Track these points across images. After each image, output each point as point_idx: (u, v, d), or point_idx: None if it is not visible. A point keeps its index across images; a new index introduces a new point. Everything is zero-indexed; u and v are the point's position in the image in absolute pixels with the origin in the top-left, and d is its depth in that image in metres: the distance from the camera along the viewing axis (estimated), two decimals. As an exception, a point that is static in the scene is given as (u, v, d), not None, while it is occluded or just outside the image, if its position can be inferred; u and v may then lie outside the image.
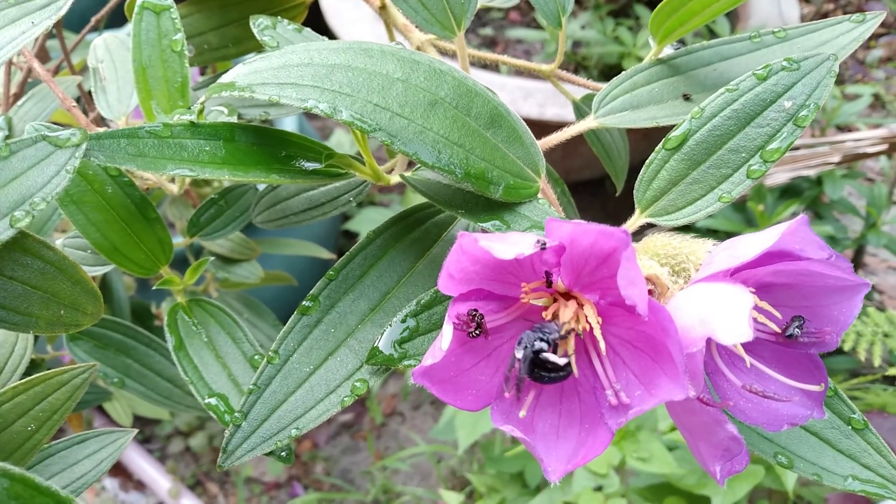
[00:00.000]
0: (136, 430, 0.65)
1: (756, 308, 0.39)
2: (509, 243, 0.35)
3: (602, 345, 0.36)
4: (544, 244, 0.34)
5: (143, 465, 1.96)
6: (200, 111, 0.48)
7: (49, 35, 0.92)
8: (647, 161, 0.45)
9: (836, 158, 1.77)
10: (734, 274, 0.38)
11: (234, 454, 0.43)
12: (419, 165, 0.49)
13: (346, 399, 0.44)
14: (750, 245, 0.35)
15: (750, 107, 0.43)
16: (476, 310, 0.39)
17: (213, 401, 0.53)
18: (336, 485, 1.96)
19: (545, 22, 0.58)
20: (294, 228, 2.09)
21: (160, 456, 2.07)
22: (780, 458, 0.48)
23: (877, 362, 1.17)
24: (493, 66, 2.51)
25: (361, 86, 0.41)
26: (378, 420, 2.05)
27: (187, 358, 0.55)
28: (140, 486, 2.05)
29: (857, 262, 2.17)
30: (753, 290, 0.37)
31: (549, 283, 0.38)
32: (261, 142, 0.45)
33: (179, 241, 0.84)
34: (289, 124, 1.88)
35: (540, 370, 0.36)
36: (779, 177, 1.91)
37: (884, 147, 1.65)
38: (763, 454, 0.48)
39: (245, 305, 1.04)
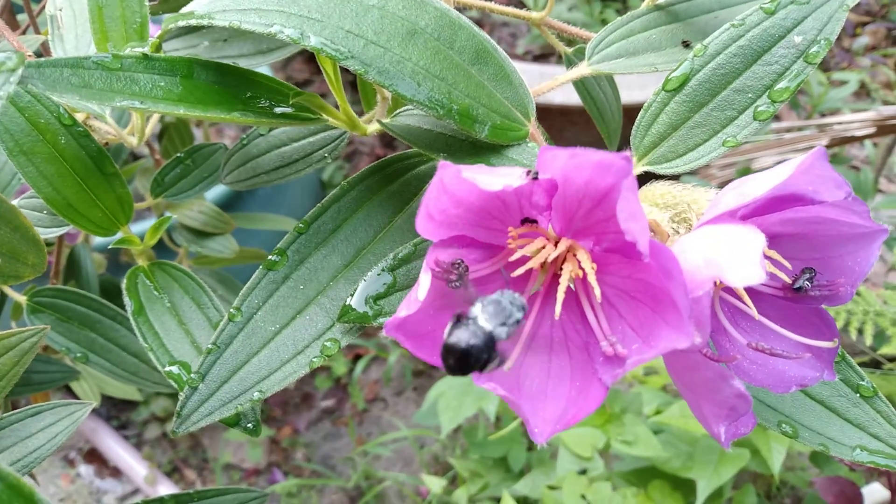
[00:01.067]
0: (94, 403, 0.61)
1: (766, 258, 0.36)
2: (496, 175, 0.31)
3: (597, 291, 0.33)
4: (536, 174, 0.30)
5: (118, 451, 1.91)
6: (156, 45, 0.44)
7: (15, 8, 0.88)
8: (646, 104, 0.42)
9: (824, 141, 1.75)
10: (742, 219, 0.35)
11: (189, 419, 0.39)
12: (399, 111, 0.46)
13: (314, 360, 0.40)
14: (761, 182, 0.32)
15: (757, 43, 0.40)
16: (461, 260, 0.36)
17: (174, 369, 0.50)
18: (317, 471, 1.92)
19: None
20: (283, 200, 2.03)
21: (136, 442, 2.03)
22: (785, 428, 0.44)
23: (868, 341, 1.15)
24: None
25: (332, 11, 0.37)
26: (360, 406, 2.01)
27: (147, 323, 0.51)
28: (116, 472, 2.00)
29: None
30: (761, 239, 0.33)
31: (526, 221, 0.34)
32: (223, 81, 0.41)
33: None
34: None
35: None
36: (766, 160, 1.89)
37: (872, 130, 1.63)
38: (766, 423, 0.44)
39: (219, 282, 1.00)
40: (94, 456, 2.03)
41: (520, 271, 0.34)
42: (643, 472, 1.37)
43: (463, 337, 0.31)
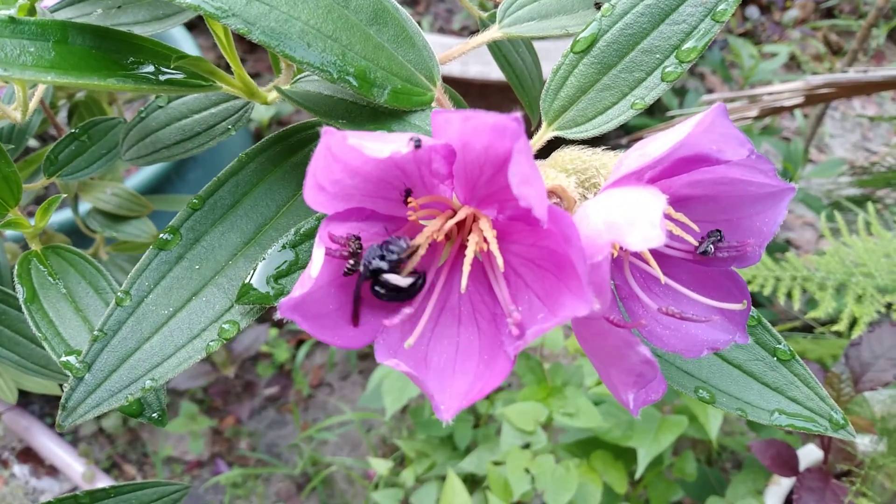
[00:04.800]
0: (-9, 400, 0.57)
1: (672, 220, 0.35)
2: (384, 141, 0.29)
3: (499, 261, 0.31)
4: (418, 141, 0.29)
5: (54, 449, 1.84)
6: (27, 8, 0.40)
7: None
8: (555, 67, 0.40)
9: (755, 112, 1.78)
10: (650, 182, 0.34)
11: (75, 411, 0.36)
12: (300, 76, 0.43)
13: (211, 344, 0.38)
14: (662, 142, 0.31)
15: (664, 1, 0.39)
16: (357, 237, 0.33)
17: (71, 359, 0.46)
18: (262, 460, 1.89)
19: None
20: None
21: (72, 439, 1.95)
22: (702, 393, 0.44)
23: (796, 306, 1.17)
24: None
25: (211, -34, 0.34)
26: (305, 392, 1.98)
27: (41, 311, 0.48)
28: (53, 471, 1.93)
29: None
30: (669, 202, 0.32)
31: (408, 194, 0.33)
32: (102, 45, 0.38)
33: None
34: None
35: (379, 288, 0.33)
36: (701, 133, 1.91)
37: (801, 99, 1.66)
38: (683, 389, 0.44)
39: (141, 268, 0.96)
40: (29, 455, 1.96)
41: (417, 241, 0.33)
42: (585, 443, 1.39)
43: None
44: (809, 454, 1.35)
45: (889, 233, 1.16)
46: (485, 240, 0.32)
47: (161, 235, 0.39)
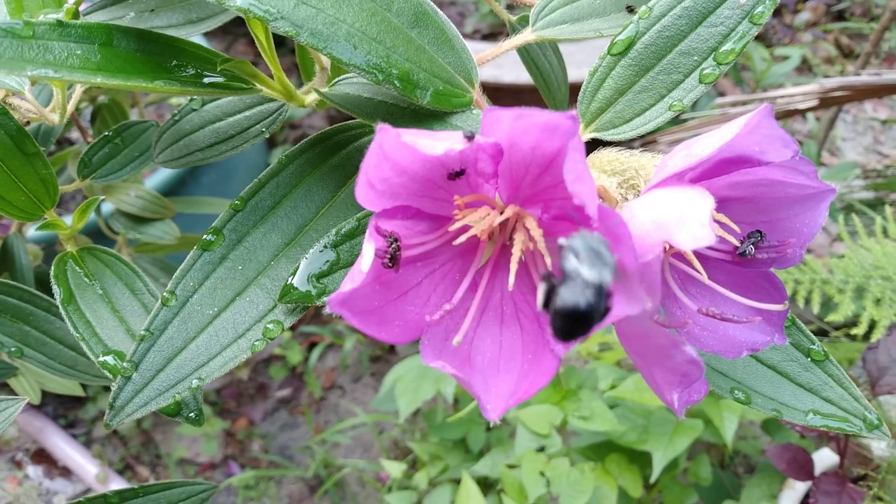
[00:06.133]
0: (26, 399, 0.57)
1: (714, 222, 0.35)
2: (437, 139, 0.29)
3: (548, 260, 0.32)
4: (472, 134, 0.29)
5: (67, 450, 1.85)
6: (72, 12, 0.41)
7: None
8: (591, 69, 0.41)
9: (769, 116, 1.77)
10: (690, 183, 0.34)
11: (123, 410, 0.36)
12: (337, 80, 0.44)
13: (256, 343, 0.38)
14: (708, 142, 0.31)
15: (702, 4, 0.39)
16: (396, 238, 0.34)
17: (109, 359, 0.47)
18: (274, 462, 1.89)
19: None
20: (229, 186, 1.98)
21: (86, 440, 1.96)
22: (737, 394, 0.44)
23: (816, 309, 1.17)
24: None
25: (260, -30, 0.34)
26: (317, 394, 1.99)
27: (78, 312, 0.48)
28: (66, 472, 1.94)
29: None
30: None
31: (456, 175, 0.32)
32: (145, 48, 0.39)
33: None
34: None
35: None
36: (713, 136, 1.90)
37: (814, 102, 1.66)
38: (719, 390, 0.44)
39: (162, 270, 0.97)
40: (43, 456, 1.97)
41: (462, 239, 0.33)
42: (600, 446, 1.39)
43: (575, 296, 0.26)
44: (824, 458, 1.34)
45: (906, 236, 1.15)
46: (531, 238, 0.33)
47: (204, 236, 0.40)
